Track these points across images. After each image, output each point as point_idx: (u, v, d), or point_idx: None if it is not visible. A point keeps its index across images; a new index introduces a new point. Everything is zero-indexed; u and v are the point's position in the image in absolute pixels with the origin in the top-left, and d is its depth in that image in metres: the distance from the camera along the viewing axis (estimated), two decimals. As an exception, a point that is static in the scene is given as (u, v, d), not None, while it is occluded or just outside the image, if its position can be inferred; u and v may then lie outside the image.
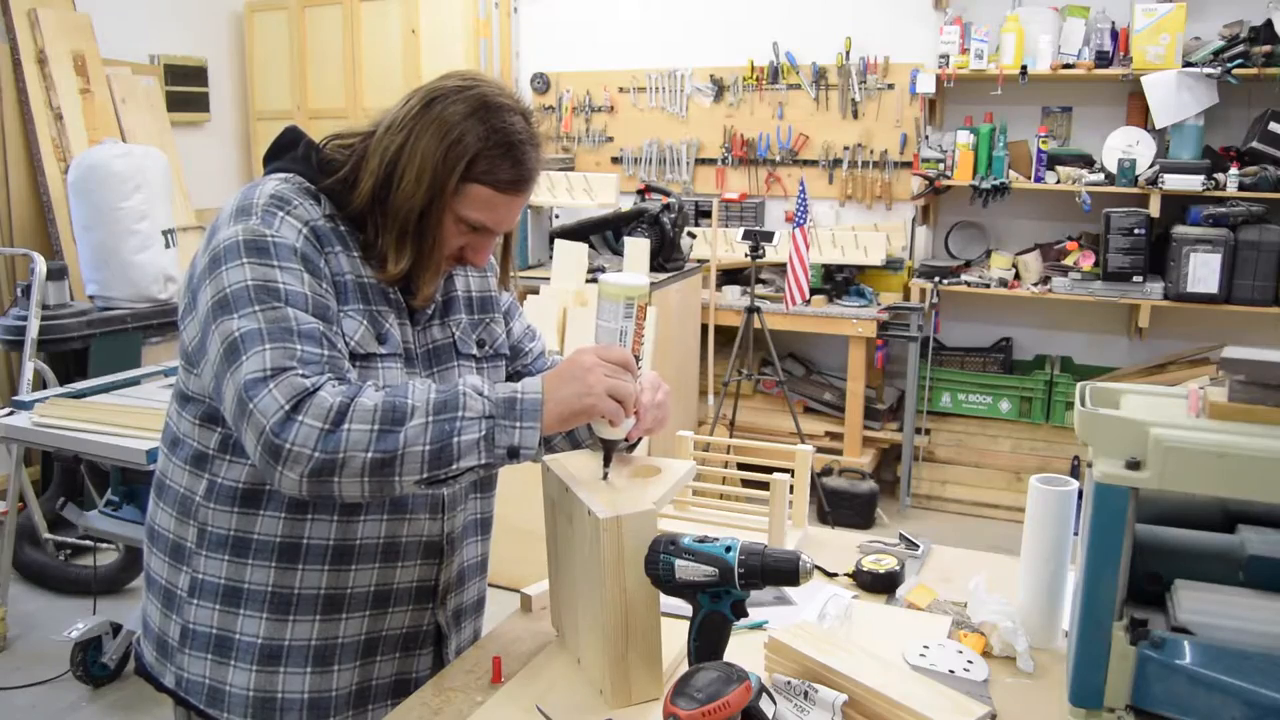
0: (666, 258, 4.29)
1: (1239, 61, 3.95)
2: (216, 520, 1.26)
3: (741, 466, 3.38)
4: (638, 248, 3.99)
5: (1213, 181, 4.02)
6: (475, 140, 1.20)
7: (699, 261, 4.63)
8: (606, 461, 1.26)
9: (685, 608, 1.19)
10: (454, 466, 1.11)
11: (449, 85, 1.23)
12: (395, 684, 1.36)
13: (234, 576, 1.26)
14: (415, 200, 1.21)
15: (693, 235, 4.57)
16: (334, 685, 1.30)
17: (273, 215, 1.20)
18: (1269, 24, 3.93)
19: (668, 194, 4.47)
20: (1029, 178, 4.36)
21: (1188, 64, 4.04)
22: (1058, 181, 4.31)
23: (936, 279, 4.45)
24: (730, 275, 4.76)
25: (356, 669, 1.32)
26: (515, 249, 1.44)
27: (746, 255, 4.14)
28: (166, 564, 1.31)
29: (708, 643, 1.17)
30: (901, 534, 1.71)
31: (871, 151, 4.86)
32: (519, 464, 1.16)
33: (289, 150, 1.31)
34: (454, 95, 1.22)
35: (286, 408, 1.08)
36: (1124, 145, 4.19)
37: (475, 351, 1.40)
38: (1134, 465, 1.00)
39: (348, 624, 1.30)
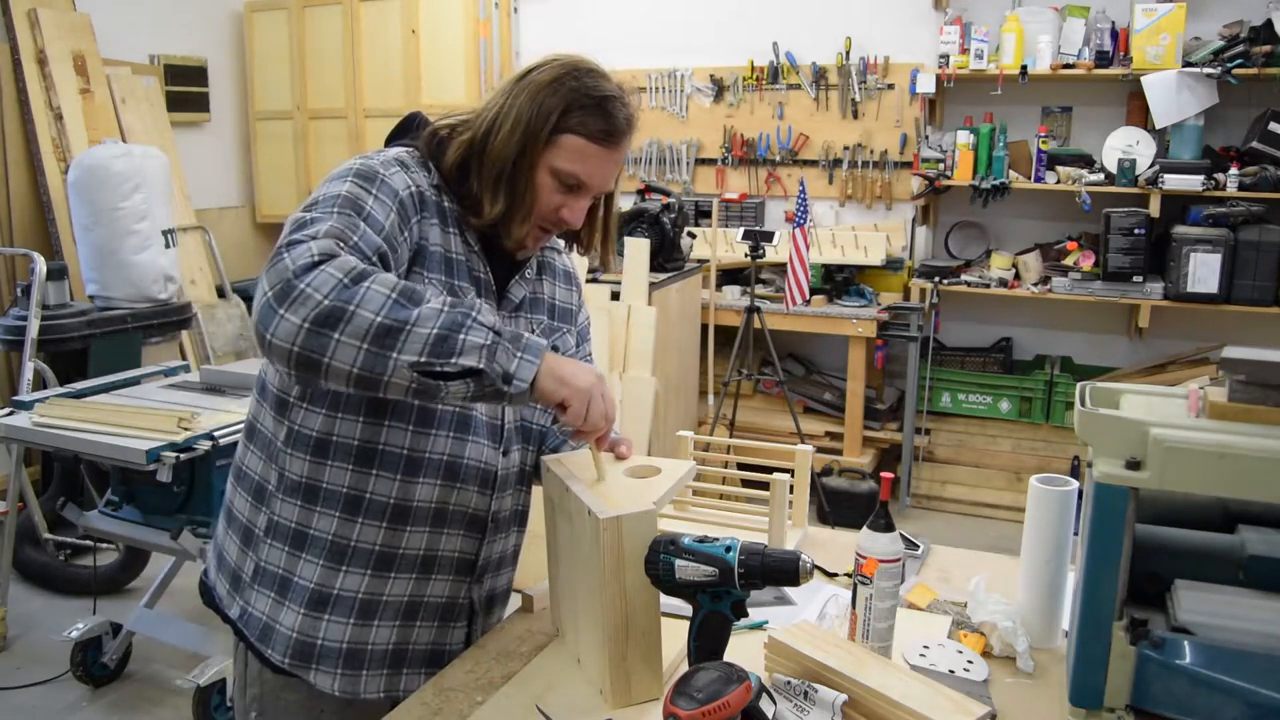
0: (666, 258, 4.29)
1: (1239, 61, 3.95)
2: (293, 466, 1.31)
3: (741, 466, 3.38)
4: (638, 248, 3.99)
5: (1213, 181, 4.02)
6: (568, 93, 1.28)
7: (699, 261, 4.63)
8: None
9: (685, 608, 1.19)
10: (452, 360, 1.09)
11: (544, 59, 1.33)
12: (431, 653, 1.40)
13: (303, 522, 1.32)
14: (510, 147, 1.28)
15: (693, 235, 4.57)
16: (371, 639, 1.34)
17: (391, 165, 1.28)
18: (1269, 24, 3.93)
19: (668, 194, 4.47)
20: (1029, 178, 4.36)
21: (1188, 64, 4.04)
22: (1058, 181, 4.30)
23: (936, 279, 4.45)
24: (730, 275, 4.76)
25: (396, 629, 1.36)
26: (615, 227, 1.47)
27: (746, 255, 4.15)
28: (249, 504, 1.37)
29: (708, 643, 1.17)
30: (902, 534, 1.71)
31: (871, 151, 4.86)
32: (505, 399, 1.13)
33: (408, 132, 1.39)
34: (549, 63, 1.31)
35: (316, 258, 1.10)
36: (1124, 145, 4.19)
37: None
38: (1134, 465, 1.00)
39: (394, 583, 1.34)
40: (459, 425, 1.34)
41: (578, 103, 1.28)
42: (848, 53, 4.82)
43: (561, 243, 1.51)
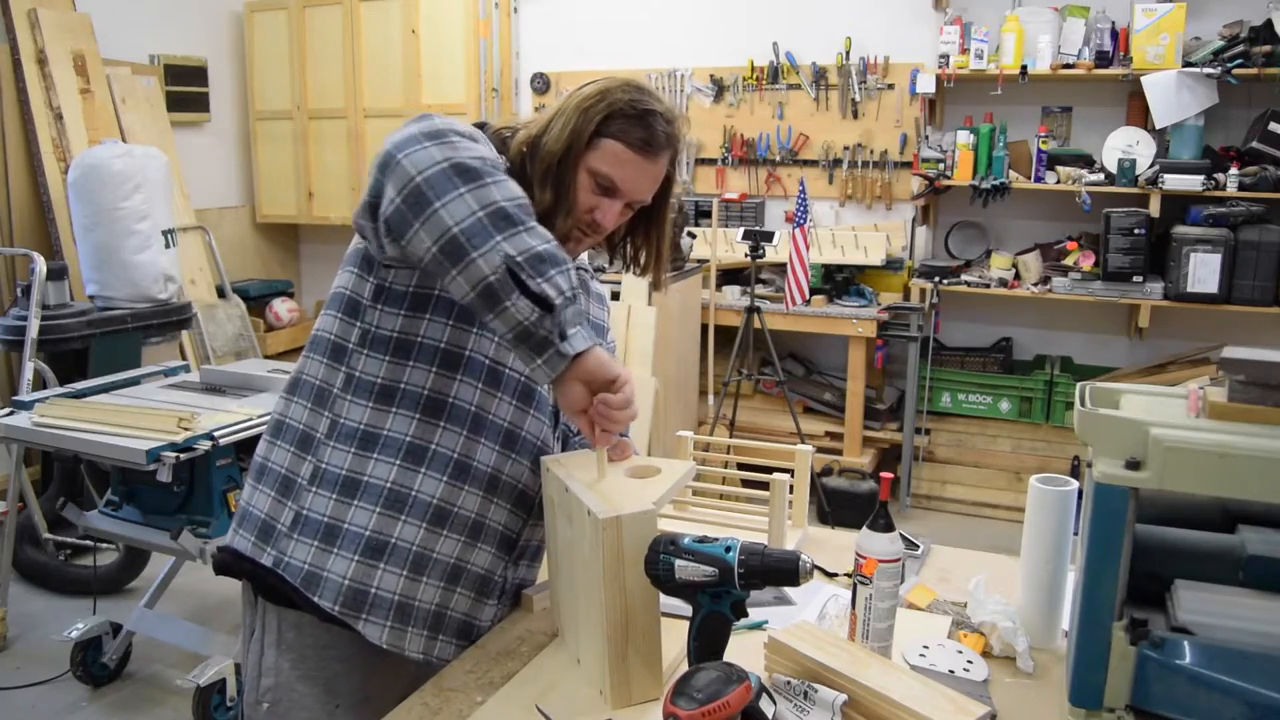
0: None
1: (1239, 61, 3.95)
2: (351, 412, 1.34)
3: (741, 466, 3.38)
4: (638, 248, 3.99)
5: (1213, 181, 4.02)
6: (614, 102, 1.36)
7: (699, 261, 4.63)
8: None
9: (685, 608, 1.19)
10: (538, 281, 1.12)
11: (601, 77, 1.43)
12: (464, 624, 1.40)
13: (356, 469, 1.33)
14: (558, 145, 1.35)
15: (693, 235, 4.57)
16: (419, 596, 1.35)
17: (476, 132, 1.34)
18: (1269, 24, 3.93)
19: (668, 194, 4.47)
20: (1029, 178, 4.36)
21: (1188, 64, 4.04)
22: (1058, 181, 4.30)
23: (936, 279, 4.45)
24: (730, 275, 4.76)
25: (440, 590, 1.36)
26: (668, 245, 1.55)
27: (746, 255, 4.15)
28: (290, 454, 1.37)
29: (708, 643, 1.17)
30: (902, 534, 1.71)
31: (871, 151, 4.86)
32: (548, 351, 1.15)
33: None
34: (604, 79, 1.41)
35: (469, 132, 1.22)
36: (1124, 145, 4.19)
37: None
38: (1134, 465, 1.00)
39: (446, 542, 1.35)
40: (523, 395, 1.39)
41: (621, 112, 1.36)
42: (848, 53, 4.82)
43: (593, 265, 1.55)
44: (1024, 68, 4.25)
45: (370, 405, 1.33)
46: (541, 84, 5.41)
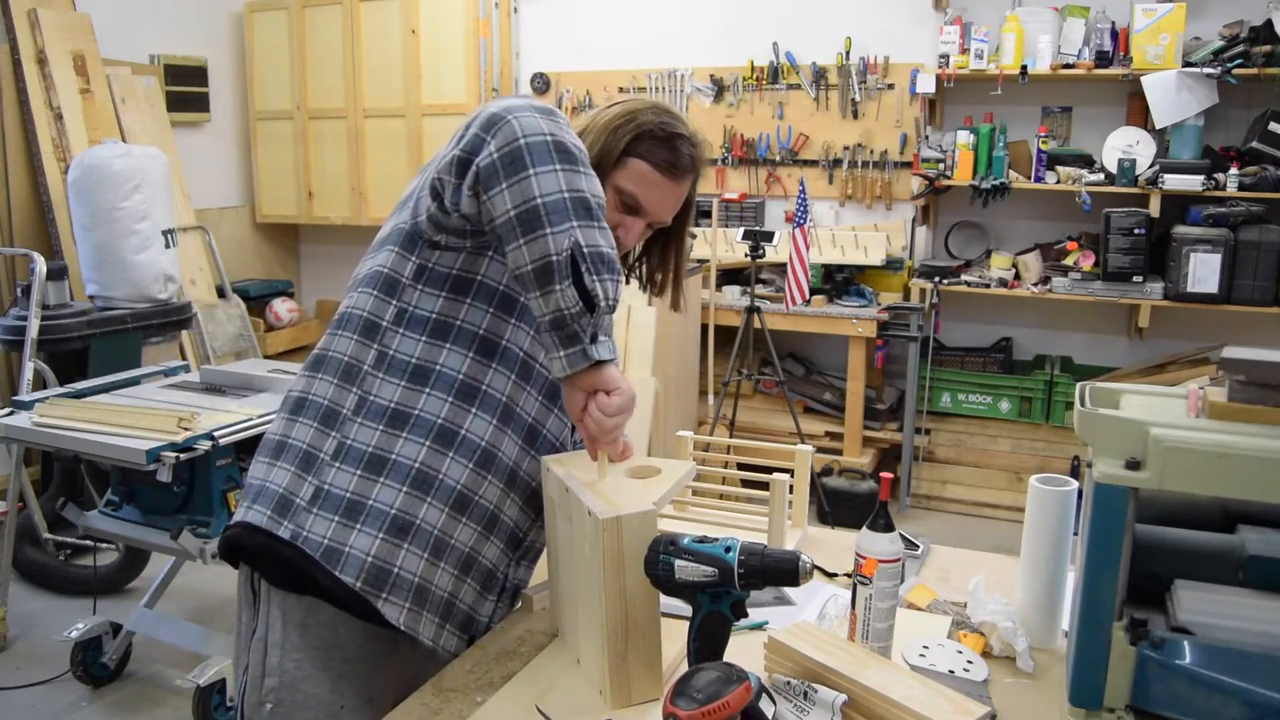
0: (666, 258, 4.29)
1: (1239, 61, 3.95)
2: (382, 390, 1.34)
3: (741, 466, 3.38)
4: (638, 248, 3.99)
5: (1213, 181, 4.02)
6: (643, 123, 1.42)
7: (699, 261, 4.62)
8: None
9: (685, 608, 1.19)
10: (593, 278, 1.16)
11: (631, 97, 1.50)
12: (467, 617, 1.40)
13: (384, 447, 1.32)
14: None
15: (693, 235, 4.55)
16: (435, 581, 1.35)
17: None
18: (1269, 24, 3.93)
19: (668, 194, 4.46)
20: (1029, 178, 4.36)
21: (1188, 64, 4.04)
22: (1058, 181, 4.30)
23: (936, 279, 4.45)
24: (730, 275, 4.76)
25: (453, 578, 1.36)
26: (685, 266, 1.61)
27: (746, 255, 4.15)
28: (313, 429, 1.36)
29: (708, 643, 1.17)
30: (902, 534, 1.71)
31: (871, 151, 4.86)
32: (574, 346, 1.20)
33: None
34: (634, 99, 1.48)
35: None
36: (1124, 145, 4.19)
37: None
38: (1134, 465, 1.00)
39: (463, 530, 1.35)
40: (550, 394, 1.40)
41: (649, 134, 1.41)
42: (848, 53, 4.82)
43: None
44: (1024, 68, 4.25)
45: (403, 384, 1.33)
46: (541, 84, 5.41)
